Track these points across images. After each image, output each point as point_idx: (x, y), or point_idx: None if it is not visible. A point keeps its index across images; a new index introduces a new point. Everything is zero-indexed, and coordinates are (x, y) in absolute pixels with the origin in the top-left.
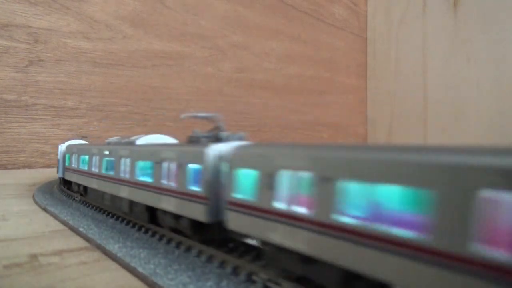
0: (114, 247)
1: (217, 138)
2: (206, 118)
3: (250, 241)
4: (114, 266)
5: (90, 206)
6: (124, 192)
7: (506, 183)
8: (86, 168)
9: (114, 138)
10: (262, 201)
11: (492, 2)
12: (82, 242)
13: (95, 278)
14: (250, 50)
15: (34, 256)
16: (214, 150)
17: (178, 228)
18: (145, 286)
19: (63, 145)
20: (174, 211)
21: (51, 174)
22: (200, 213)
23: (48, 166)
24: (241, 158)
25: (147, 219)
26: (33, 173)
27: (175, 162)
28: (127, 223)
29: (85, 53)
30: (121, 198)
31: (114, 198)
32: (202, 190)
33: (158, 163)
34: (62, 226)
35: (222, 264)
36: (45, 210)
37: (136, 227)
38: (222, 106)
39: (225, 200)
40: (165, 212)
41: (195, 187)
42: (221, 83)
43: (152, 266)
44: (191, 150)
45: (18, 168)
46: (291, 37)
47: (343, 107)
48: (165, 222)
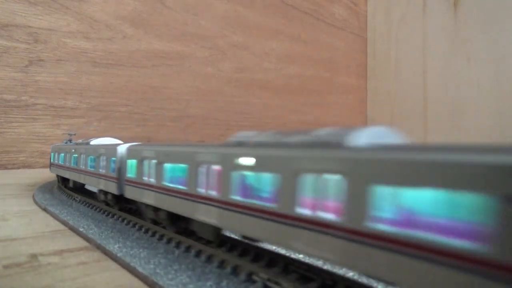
0: (114, 247)
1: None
2: None
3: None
4: (114, 266)
5: (90, 206)
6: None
7: None
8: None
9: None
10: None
11: (492, 2)
12: (82, 242)
13: (95, 278)
14: (250, 50)
15: (34, 256)
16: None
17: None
18: (145, 286)
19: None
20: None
21: (51, 174)
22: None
23: (48, 166)
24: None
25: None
26: (33, 173)
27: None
28: (127, 223)
29: (85, 53)
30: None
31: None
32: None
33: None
34: (62, 226)
35: (222, 264)
36: (45, 210)
37: (136, 227)
38: (222, 106)
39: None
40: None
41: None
42: (221, 83)
43: (152, 266)
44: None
45: (18, 168)
46: (291, 37)
47: (343, 107)
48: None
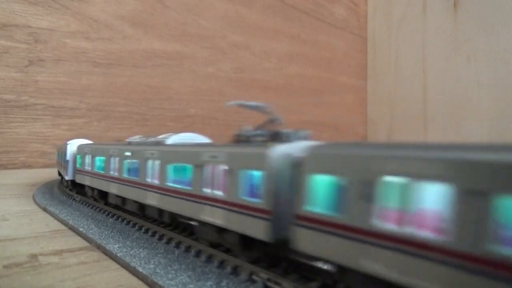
0: (114, 247)
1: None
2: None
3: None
4: (114, 266)
5: (90, 206)
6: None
7: None
8: None
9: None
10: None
11: (492, 2)
12: (82, 242)
13: (95, 278)
14: (250, 50)
15: (34, 256)
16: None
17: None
18: (145, 286)
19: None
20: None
21: (51, 174)
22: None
23: (48, 166)
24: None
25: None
26: (33, 173)
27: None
28: (127, 223)
29: (85, 53)
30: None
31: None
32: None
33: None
34: (62, 226)
35: (222, 264)
36: (45, 210)
37: (136, 227)
38: (222, 106)
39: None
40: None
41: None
42: (221, 83)
43: (152, 266)
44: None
45: (18, 168)
46: (291, 37)
47: (343, 107)
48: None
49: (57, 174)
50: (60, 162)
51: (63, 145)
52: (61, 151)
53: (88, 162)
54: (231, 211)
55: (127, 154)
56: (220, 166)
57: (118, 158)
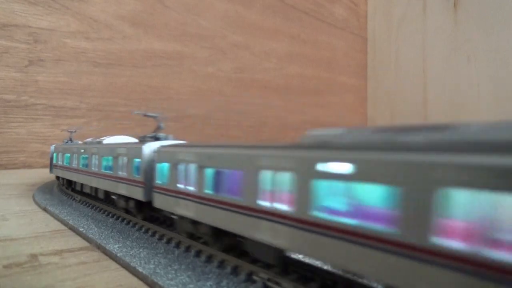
0: (114, 247)
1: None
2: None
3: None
4: (114, 266)
5: (90, 206)
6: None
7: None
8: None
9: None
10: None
11: (492, 2)
12: (82, 242)
13: (95, 278)
14: (250, 50)
15: (34, 256)
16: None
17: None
18: (145, 286)
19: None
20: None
21: (51, 174)
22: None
23: (47, 166)
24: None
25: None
26: (33, 173)
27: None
28: (127, 223)
29: (85, 53)
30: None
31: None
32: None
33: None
34: (62, 226)
35: (222, 264)
36: (45, 210)
37: (136, 227)
38: (222, 106)
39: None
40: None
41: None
42: (221, 83)
43: (152, 266)
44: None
45: (18, 168)
46: (291, 37)
47: (343, 107)
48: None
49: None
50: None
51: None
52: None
53: (60, 158)
54: (129, 185)
55: (82, 151)
56: (124, 157)
57: (76, 154)
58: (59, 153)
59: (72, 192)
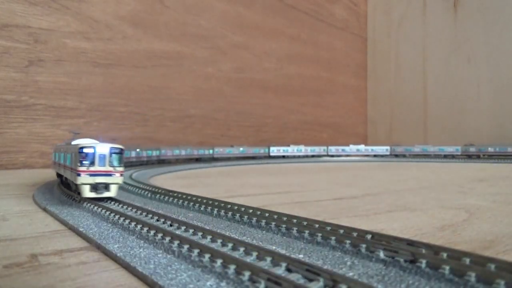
0: (114, 247)
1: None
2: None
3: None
4: (114, 266)
5: (90, 206)
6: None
7: None
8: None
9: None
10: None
11: (492, 2)
12: (82, 242)
13: (95, 278)
14: (250, 50)
15: (34, 256)
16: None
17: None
18: (145, 286)
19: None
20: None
21: (51, 174)
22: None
23: (48, 166)
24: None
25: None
26: (33, 173)
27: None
28: (128, 223)
29: (85, 53)
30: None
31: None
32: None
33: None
34: (62, 226)
35: (222, 264)
36: (45, 210)
37: (136, 227)
38: (222, 106)
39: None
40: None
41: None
42: (221, 83)
43: (152, 266)
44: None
45: (18, 168)
46: (291, 37)
47: (343, 107)
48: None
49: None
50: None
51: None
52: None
53: (56, 156)
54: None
55: (62, 150)
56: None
57: (63, 153)
58: (55, 152)
59: (70, 191)
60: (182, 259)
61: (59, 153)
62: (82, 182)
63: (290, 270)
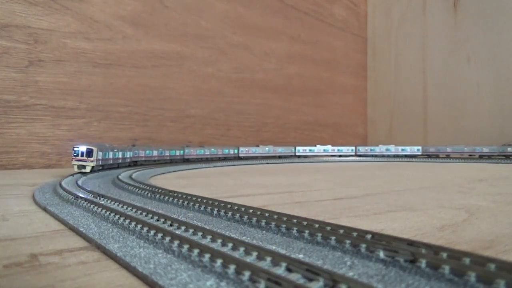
0: (114, 247)
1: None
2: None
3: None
4: (114, 266)
5: (90, 206)
6: None
7: None
8: None
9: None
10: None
11: (492, 2)
12: (82, 242)
13: (95, 278)
14: (250, 50)
15: (34, 255)
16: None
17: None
18: (145, 285)
19: None
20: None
21: (51, 174)
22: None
23: (48, 167)
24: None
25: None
26: (33, 173)
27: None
28: (127, 223)
29: (85, 53)
30: None
31: None
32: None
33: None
34: (62, 226)
35: (222, 264)
36: (45, 210)
37: (136, 227)
38: (222, 106)
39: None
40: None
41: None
42: (221, 83)
43: (152, 266)
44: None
45: (18, 168)
46: (291, 37)
47: (343, 107)
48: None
49: (55, 174)
50: None
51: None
52: None
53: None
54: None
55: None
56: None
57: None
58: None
59: (71, 192)
60: (182, 259)
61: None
62: (73, 164)
63: (290, 270)
